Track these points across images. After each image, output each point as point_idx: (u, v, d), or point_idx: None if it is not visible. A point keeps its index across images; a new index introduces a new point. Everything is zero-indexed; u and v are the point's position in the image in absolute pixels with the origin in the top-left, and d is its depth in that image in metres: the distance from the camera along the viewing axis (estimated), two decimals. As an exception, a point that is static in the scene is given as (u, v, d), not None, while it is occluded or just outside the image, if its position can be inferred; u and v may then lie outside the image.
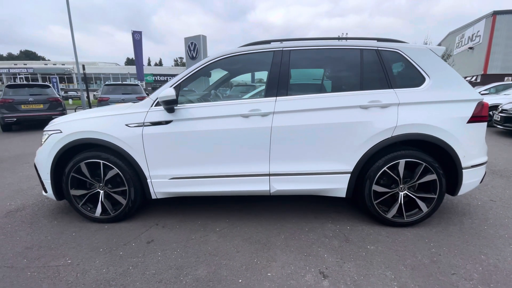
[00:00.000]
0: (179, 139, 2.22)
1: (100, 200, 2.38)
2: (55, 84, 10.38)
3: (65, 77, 45.64)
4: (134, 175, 2.31)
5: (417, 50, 2.26)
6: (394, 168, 2.17)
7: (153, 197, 2.37)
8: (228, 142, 2.20)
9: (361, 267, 1.79)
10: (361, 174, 2.23)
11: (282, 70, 2.24)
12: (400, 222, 2.26)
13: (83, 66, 14.25)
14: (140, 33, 17.82)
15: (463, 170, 2.17)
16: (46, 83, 9.68)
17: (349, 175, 2.21)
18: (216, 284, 1.64)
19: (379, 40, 2.37)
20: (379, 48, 2.26)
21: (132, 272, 1.76)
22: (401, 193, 2.23)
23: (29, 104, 8.28)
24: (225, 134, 2.19)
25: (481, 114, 2.17)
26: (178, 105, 2.23)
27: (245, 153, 2.21)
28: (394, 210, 2.24)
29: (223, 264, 1.84)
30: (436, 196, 2.21)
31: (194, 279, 1.69)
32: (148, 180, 2.31)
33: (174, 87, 2.23)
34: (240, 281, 1.67)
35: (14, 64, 44.33)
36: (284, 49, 2.28)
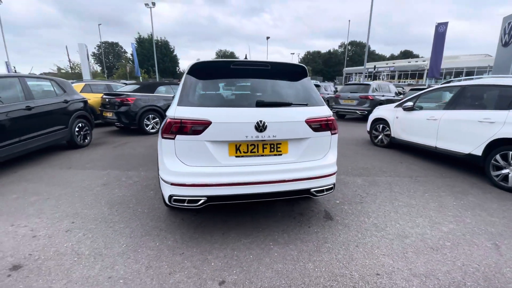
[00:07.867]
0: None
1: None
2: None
3: (417, 73, 46.49)
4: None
5: None
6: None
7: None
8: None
9: (82, 203, 3.58)
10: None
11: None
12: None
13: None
14: (446, 24, 15.52)
15: None
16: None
17: None
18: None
19: None
20: None
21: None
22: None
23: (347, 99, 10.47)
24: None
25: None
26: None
27: None
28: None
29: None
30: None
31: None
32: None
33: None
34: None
35: (386, 64, 52.36)
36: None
